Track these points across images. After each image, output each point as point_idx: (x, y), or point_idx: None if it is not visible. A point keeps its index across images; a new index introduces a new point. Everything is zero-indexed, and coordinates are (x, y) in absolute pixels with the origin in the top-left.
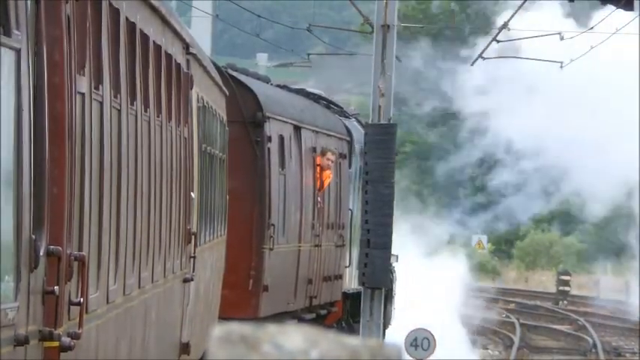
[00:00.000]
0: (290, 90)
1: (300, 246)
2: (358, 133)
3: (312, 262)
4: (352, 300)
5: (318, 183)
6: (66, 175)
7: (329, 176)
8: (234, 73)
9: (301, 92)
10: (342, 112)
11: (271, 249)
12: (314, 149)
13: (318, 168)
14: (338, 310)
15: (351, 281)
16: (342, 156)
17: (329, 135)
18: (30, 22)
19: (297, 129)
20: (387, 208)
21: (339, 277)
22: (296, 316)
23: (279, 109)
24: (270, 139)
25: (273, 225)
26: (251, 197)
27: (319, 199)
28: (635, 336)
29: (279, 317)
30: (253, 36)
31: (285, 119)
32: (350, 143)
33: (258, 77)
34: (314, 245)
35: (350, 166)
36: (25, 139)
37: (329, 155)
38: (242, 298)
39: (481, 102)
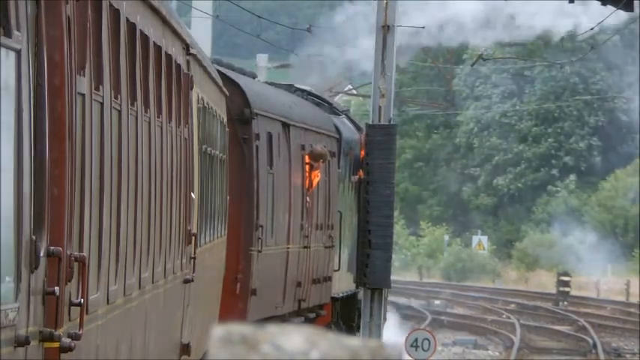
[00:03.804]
0: (278, 86)
1: (288, 247)
2: (347, 131)
3: (300, 264)
4: (342, 303)
5: (307, 182)
6: (66, 175)
7: (318, 175)
8: (221, 69)
9: (289, 88)
10: (332, 109)
11: (259, 251)
12: (302, 147)
13: (307, 167)
14: (327, 314)
15: (340, 284)
16: (330, 154)
17: (318, 132)
18: (30, 22)
19: (286, 126)
20: (387, 209)
21: (328, 279)
22: (284, 320)
23: (267, 105)
24: (258, 136)
25: (261, 226)
26: (239, 197)
27: (308, 198)
28: (635, 336)
29: (267, 322)
30: (253, 37)
31: (273, 116)
32: (339, 141)
33: (244, 73)
34: (303, 247)
35: (339, 165)
36: (26, 140)
37: (320, 162)
38: (229, 302)
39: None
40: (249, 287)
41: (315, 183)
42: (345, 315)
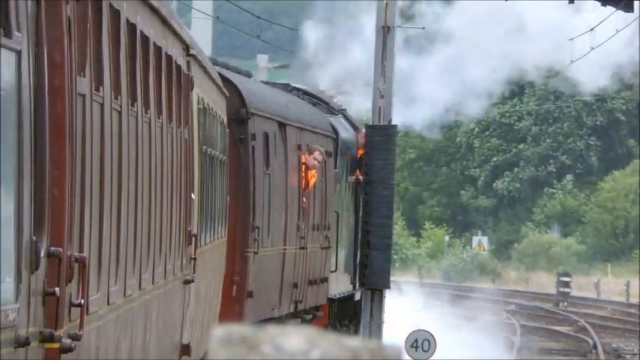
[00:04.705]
0: (274, 85)
1: (285, 249)
2: (344, 131)
3: (297, 266)
4: (339, 304)
5: (303, 182)
6: (67, 176)
7: (314, 175)
8: (216, 68)
9: (286, 87)
10: (328, 108)
11: (256, 253)
12: (299, 147)
13: (303, 167)
14: (323, 315)
15: (337, 285)
16: (327, 154)
17: (314, 132)
18: (30, 23)
19: (282, 126)
20: (386, 210)
21: (325, 280)
22: (281, 322)
23: (263, 105)
24: (254, 136)
25: (257, 227)
26: (235, 198)
27: (304, 199)
28: (635, 337)
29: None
30: (253, 37)
31: (269, 115)
32: (335, 141)
33: (239, 72)
34: (299, 248)
35: (335, 165)
36: (26, 141)
37: (316, 155)
38: (225, 305)
39: None
40: (246, 289)
41: (311, 183)
42: (342, 316)
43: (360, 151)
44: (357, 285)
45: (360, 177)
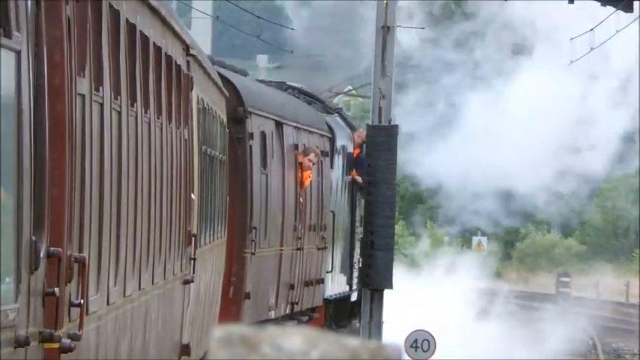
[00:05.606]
0: (270, 84)
1: (282, 249)
2: (340, 130)
3: (293, 267)
4: (335, 305)
5: (300, 182)
6: (66, 176)
7: (309, 177)
8: (214, 67)
9: (281, 86)
10: (325, 108)
11: (253, 253)
12: (296, 146)
13: (300, 166)
14: (320, 316)
15: (333, 285)
16: (323, 154)
17: (310, 132)
18: (30, 23)
19: (279, 125)
20: (389, 210)
21: (321, 281)
22: (277, 323)
23: (260, 103)
24: (251, 135)
25: (254, 228)
26: (232, 199)
27: (301, 199)
28: (635, 337)
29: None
30: (253, 37)
31: (267, 115)
32: (332, 140)
33: (235, 71)
34: (296, 248)
35: (332, 165)
36: (26, 141)
37: (311, 157)
38: (223, 306)
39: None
40: (243, 291)
41: (307, 183)
42: (338, 317)
43: (357, 151)
44: (354, 285)
45: (357, 176)
